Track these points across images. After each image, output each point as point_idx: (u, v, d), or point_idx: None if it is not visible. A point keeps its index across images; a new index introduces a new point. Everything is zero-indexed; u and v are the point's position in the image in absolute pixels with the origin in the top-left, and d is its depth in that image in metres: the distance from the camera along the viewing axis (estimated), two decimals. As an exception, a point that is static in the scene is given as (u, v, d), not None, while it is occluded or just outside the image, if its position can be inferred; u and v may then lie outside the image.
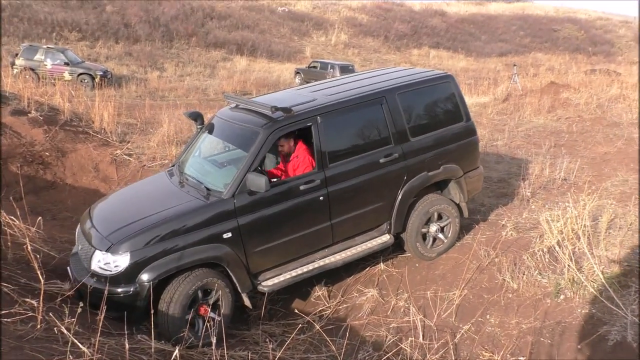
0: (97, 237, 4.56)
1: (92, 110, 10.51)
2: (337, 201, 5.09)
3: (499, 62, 41.86)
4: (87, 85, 19.30)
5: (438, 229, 5.88)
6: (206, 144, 5.74)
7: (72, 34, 28.87)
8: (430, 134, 5.67)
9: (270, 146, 4.87)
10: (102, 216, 4.97)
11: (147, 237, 4.36)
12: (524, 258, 5.25)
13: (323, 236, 5.18)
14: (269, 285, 4.88)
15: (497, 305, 4.85)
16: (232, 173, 4.80)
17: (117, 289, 4.26)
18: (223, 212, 4.58)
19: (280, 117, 4.87)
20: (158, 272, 4.28)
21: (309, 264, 5.13)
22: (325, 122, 5.02)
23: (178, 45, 32.44)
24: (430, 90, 5.83)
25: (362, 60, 37.88)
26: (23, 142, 8.18)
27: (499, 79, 23.30)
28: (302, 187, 4.91)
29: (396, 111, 5.40)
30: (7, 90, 10.48)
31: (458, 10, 57.81)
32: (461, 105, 5.94)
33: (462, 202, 6.00)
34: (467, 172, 6.02)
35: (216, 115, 5.71)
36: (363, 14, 49.18)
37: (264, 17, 42.00)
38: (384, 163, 5.33)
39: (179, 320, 4.32)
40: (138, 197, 5.44)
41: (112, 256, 4.31)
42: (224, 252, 4.54)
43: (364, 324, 5.20)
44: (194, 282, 4.42)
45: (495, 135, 11.26)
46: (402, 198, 5.49)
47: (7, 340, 3.10)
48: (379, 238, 5.53)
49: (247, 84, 23.74)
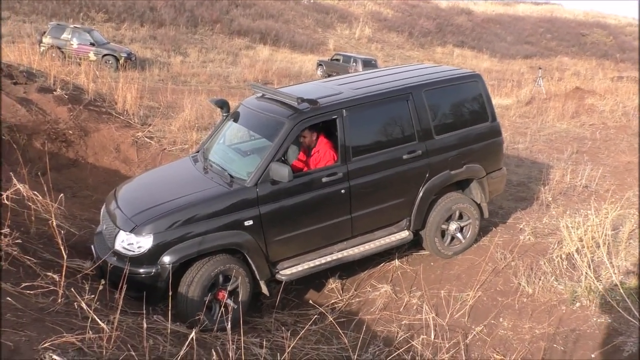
0: (122, 217, 4.63)
1: (115, 91, 10.62)
2: (358, 195, 5.11)
3: (523, 64, 41.37)
4: (111, 67, 19.49)
5: (457, 228, 5.85)
6: (231, 132, 5.77)
7: (99, 15, 29.14)
8: (455, 133, 5.64)
9: (294, 137, 4.88)
10: (128, 198, 5.04)
11: (170, 220, 4.42)
12: (541, 263, 5.21)
13: (342, 229, 5.20)
14: (287, 275, 4.91)
15: (511, 309, 4.82)
16: (255, 162, 4.83)
17: (139, 269, 4.34)
18: (245, 200, 4.62)
19: (306, 109, 4.88)
20: (180, 255, 4.35)
21: (327, 255, 5.15)
22: (351, 116, 5.02)
23: (202, 31, 32.56)
24: (457, 89, 5.79)
25: (385, 56, 37.68)
26: (48, 120, 8.29)
27: (522, 82, 23.06)
28: (324, 179, 4.93)
29: (422, 108, 5.37)
30: (35, 67, 10.62)
31: (485, 9, 57.19)
32: (487, 105, 5.89)
33: (483, 202, 5.96)
34: (490, 173, 5.98)
35: (242, 104, 5.73)
36: (388, 8, 48.87)
37: (289, 7, 41.94)
38: (407, 159, 5.32)
39: (197, 303, 4.37)
40: (163, 180, 5.52)
41: (136, 237, 4.38)
42: (245, 239, 4.59)
43: (376, 319, 5.20)
44: (214, 267, 4.47)
45: (517, 138, 11.15)
46: (423, 195, 5.49)
47: (29, 312, 3.17)
48: (397, 234, 5.53)
49: (268, 73, 23.76)
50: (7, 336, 2.72)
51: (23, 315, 3.10)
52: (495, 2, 62.38)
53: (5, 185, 5.14)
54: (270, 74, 23.64)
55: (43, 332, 2.91)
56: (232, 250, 4.65)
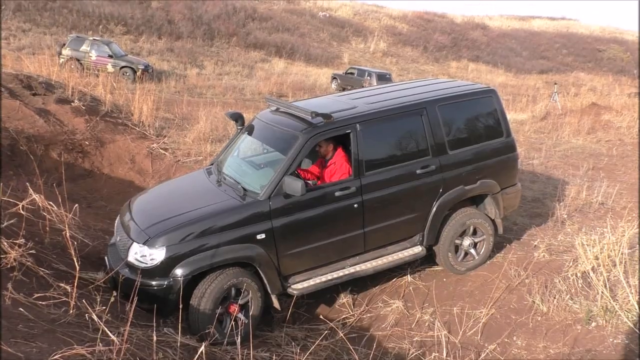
0: (135, 229, 4.66)
1: (132, 103, 10.75)
2: (371, 209, 5.09)
3: (539, 79, 41.20)
4: (128, 78, 19.76)
5: (471, 244, 5.81)
6: (245, 145, 5.81)
7: (118, 28, 29.64)
8: (469, 148, 5.61)
9: (308, 151, 4.89)
10: (141, 210, 5.07)
11: (183, 233, 4.43)
12: (556, 281, 5.13)
13: (355, 243, 5.17)
14: (299, 289, 4.90)
15: (525, 327, 4.75)
16: (269, 175, 4.84)
17: (151, 281, 4.36)
18: (258, 213, 4.62)
19: (319, 123, 4.89)
20: (192, 268, 4.36)
21: (340, 270, 5.13)
22: (364, 130, 5.01)
23: (218, 44, 32.94)
24: (471, 104, 5.76)
25: (399, 70, 37.75)
26: (65, 130, 8.40)
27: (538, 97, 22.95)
28: (337, 193, 4.92)
29: (436, 123, 5.36)
30: (54, 78, 10.80)
31: (500, 24, 57.14)
32: (502, 120, 5.86)
33: (497, 218, 5.91)
34: (505, 189, 5.93)
35: (257, 117, 5.76)
36: (404, 23, 49.05)
37: (305, 20, 42.28)
38: (421, 174, 5.30)
39: (208, 316, 4.37)
40: (177, 193, 5.55)
41: (149, 249, 4.39)
42: (257, 253, 4.59)
43: (387, 335, 5.15)
44: (226, 280, 4.48)
45: (532, 153, 11.06)
46: (436, 210, 5.45)
47: (41, 323, 3.19)
48: (410, 249, 5.49)
49: (283, 86, 23.92)
50: (19, 347, 2.73)
51: (34, 326, 3.12)
52: (510, 17, 62.30)
53: (21, 195, 5.20)
54: (285, 86, 23.80)
55: (54, 344, 2.92)
56: (244, 264, 4.64)
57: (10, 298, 3.32)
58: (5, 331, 2.88)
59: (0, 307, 2.96)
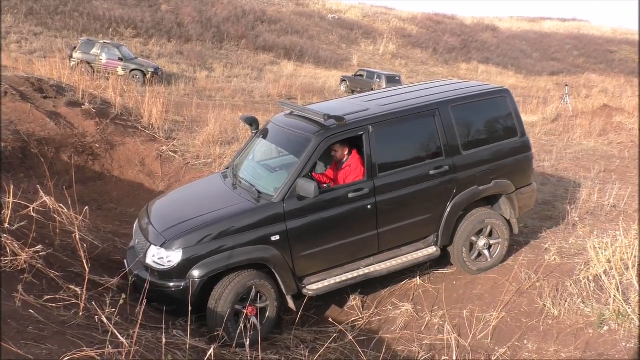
0: (153, 232, 4.76)
1: (141, 105, 10.81)
2: (384, 211, 5.10)
3: (549, 81, 40.96)
4: (138, 81, 19.87)
5: (486, 245, 5.78)
6: (260, 149, 5.89)
7: (128, 31, 29.84)
8: (483, 148, 5.60)
9: (321, 153, 4.92)
10: (159, 213, 5.18)
11: (199, 235, 4.52)
12: (567, 284, 5.08)
13: (369, 244, 5.19)
14: (314, 290, 4.93)
15: (536, 331, 4.70)
16: (283, 178, 4.89)
17: (169, 283, 4.46)
18: (273, 215, 4.68)
19: (332, 125, 4.92)
20: (208, 269, 4.44)
21: (354, 271, 5.16)
22: (377, 132, 5.04)
23: (228, 47, 33.06)
24: (485, 104, 5.74)
25: (409, 72, 37.69)
26: (75, 133, 8.47)
27: (549, 99, 22.79)
28: (351, 195, 4.95)
29: (449, 124, 5.36)
30: (64, 81, 10.88)
31: (510, 26, 56.90)
32: (516, 120, 5.83)
33: (512, 218, 5.89)
34: (520, 189, 5.91)
35: (271, 121, 5.82)
36: (413, 25, 48.98)
37: (314, 23, 42.35)
38: (434, 175, 5.30)
39: (225, 317, 4.42)
40: (193, 196, 5.64)
41: (166, 252, 4.48)
42: (272, 254, 4.64)
43: (397, 338, 5.13)
44: (242, 281, 4.55)
45: (543, 155, 10.98)
46: (450, 211, 5.45)
47: (51, 325, 3.20)
48: (425, 250, 5.49)
49: (292, 88, 23.96)
50: (29, 349, 2.74)
51: (45, 328, 3.13)
52: (520, 19, 62.01)
53: (32, 197, 5.24)
54: (294, 89, 23.83)
55: (63, 346, 2.94)
56: (259, 266, 4.70)
57: (20, 300, 3.35)
58: (16, 333, 2.90)
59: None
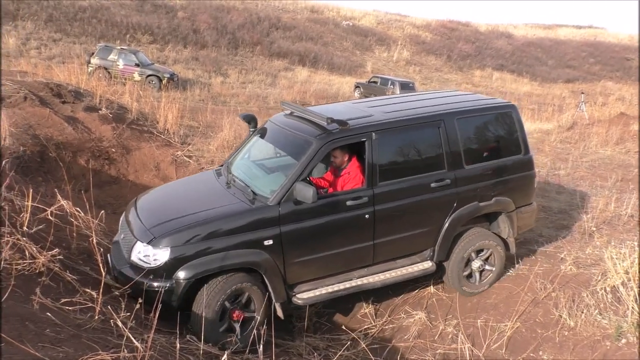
0: (140, 228, 4.56)
1: (157, 111, 10.90)
2: (382, 221, 4.95)
3: (565, 88, 40.63)
4: (154, 87, 20.08)
5: (480, 267, 5.64)
6: (256, 148, 5.72)
7: (144, 37, 30.19)
8: (486, 164, 5.46)
9: (322, 157, 4.79)
10: (148, 208, 4.98)
11: (189, 235, 4.34)
12: (584, 295, 5.02)
13: (364, 255, 5.04)
14: (304, 299, 4.76)
15: (551, 342, 4.65)
16: (279, 180, 4.75)
17: (153, 282, 4.24)
18: (267, 218, 4.51)
19: (335, 129, 4.76)
20: (196, 271, 4.26)
21: (347, 281, 4.99)
22: (380, 139, 4.89)
23: (242, 53, 33.30)
24: (490, 118, 5.62)
25: (422, 79, 37.63)
26: (92, 138, 8.55)
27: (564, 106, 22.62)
28: (349, 202, 4.79)
29: (453, 136, 5.21)
30: (82, 87, 11.02)
31: (525, 33, 56.61)
32: (521, 137, 5.68)
33: (510, 237, 5.72)
34: (520, 207, 5.74)
35: (270, 120, 5.66)
36: (427, 32, 48.94)
37: (328, 29, 42.50)
38: (435, 188, 5.14)
39: (211, 321, 4.29)
40: (184, 193, 5.46)
41: (153, 249, 4.29)
42: (263, 259, 4.48)
43: (410, 346, 5.10)
44: (230, 285, 4.39)
45: (558, 164, 10.88)
46: (449, 225, 5.29)
47: (67, 328, 3.24)
48: (420, 264, 5.33)
49: (306, 94, 24.03)
50: (46, 351, 2.77)
51: (61, 331, 3.16)
52: (535, 26, 61.68)
53: (49, 201, 5.31)
54: (308, 95, 23.91)
55: (80, 349, 2.96)
56: (250, 270, 4.53)
57: (38, 302, 3.39)
58: (34, 335, 2.94)
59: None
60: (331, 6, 48.86)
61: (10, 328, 2.91)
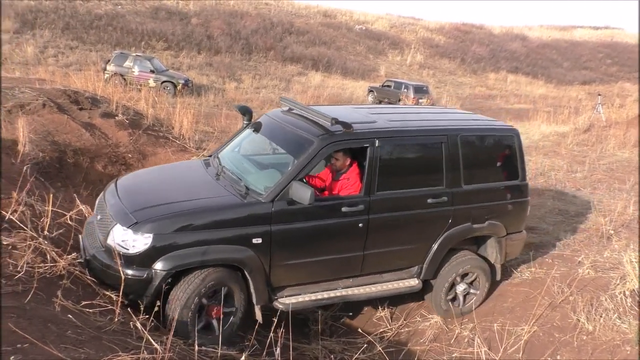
0: (121, 211, 4.29)
1: (172, 116, 11.01)
2: (375, 231, 4.80)
3: (581, 90, 40.24)
4: (169, 93, 20.27)
5: (465, 291, 5.56)
6: (249, 142, 5.58)
7: (159, 44, 30.52)
8: (483, 185, 5.36)
9: (321, 158, 4.66)
10: (131, 191, 4.73)
11: (174, 223, 4.11)
12: (602, 299, 4.97)
13: (352, 265, 4.90)
14: (285, 304, 4.55)
15: (569, 347, 4.61)
16: (274, 176, 4.59)
17: (127, 269, 3.96)
18: (258, 215, 4.31)
19: (338, 131, 4.60)
20: (177, 262, 4.03)
21: (331, 290, 4.83)
22: (383, 147, 4.74)
23: (256, 58, 33.49)
24: (493, 140, 5.54)
25: (436, 82, 37.51)
26: (109, 144, 8.67)
27: (580, 108, 22.36)
28: (344, 209, 4.63)
29: (455, 153, 5.07)
30: (99, 93, 11.18)
31: (540, 35, 56.17)
32: (520, 162, 5.57)
33: (497, 263, 5.61)
34: (510, 234, 5.61)
35: (266, 115, 5.51)
36: (440, 35, 48.80)
37: (341, 34, 42.57)
38: (431, 204, 5.01)
39: (186, 316, 4.09)
40: (170, 179, 5.25)
41: (134, 234, 4.03)
42: (250, 257, 4.28)
43: (426, 350, 5.09)
44: (209, 281, 4.17)
45: (575, 166, 10.79)
46: (440, 244, 5.16)
47: (88, 330, 3.29)
48: (406, 280, 5.19)
49: (320, 99, 24.07)
50: (68, 352, 2.83)
51: (82, 333, 3.22)
52: (551, 27, 61.18)
53: (68, 206, 5.39)
54: (321, 99, 23.95)
55: (100, 350, 3.01)
56: (232, 267, 4.34)
57: (59, 305, 3.45)
58: (56, 337, 2.99)
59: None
60: (344, 10, 48.92)
61: (34, 329, 2.97)
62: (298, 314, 4.80)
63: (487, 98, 35.40)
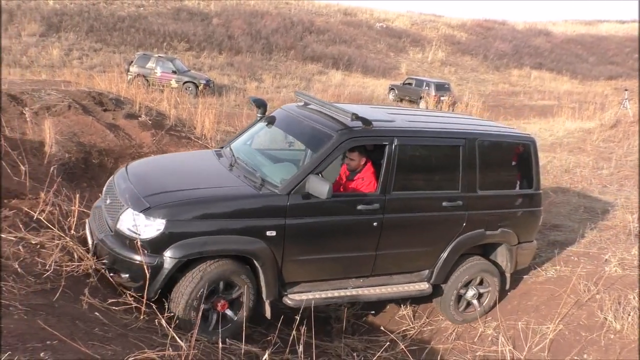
0: (133, 195, 4.17)
1: (194, 116, 11.12)
2: (388, 232, 4.73)
3: (607, 85, 39.48)
4: (191, 93, 20.45)
5: (475, 295, 5.50)
6: (263, 135, 5.56)
7: (181, 44, 30.86)
8: (498, 192, 5.34)
9: (340, 153, 4.58)
10: (143, 175, 4.66)
11: (188, 210, 4.01)
12: (630, 298, 4.88)
13: (364, 264, 4.85)
14: (296, 300, 4.47)
15: (596, 345, 4.53)
16: (290, 169, 4.60)
17: (136, 255, 3.84)
18: (274, 207, 4.23)
19: (357, 127, 4.53)
20: (188, 251, 3.92)
21: (342, 289, 4.76)
22: (401, 146, 4.68)
23: (277, 58, 33.61)
24: (509, 148, 5.50)
25: (458, 79, 37.17)
26: (133, 144, 8.79)
27: (606, 104, 21.96)
28: (360, 206, 4.57)
29: (472, 158, 5.02)
30: (122, 95, 11.35)
31: (564, 30, 55.24)
32: (535, 172, 5.51)
33: (507, 272, 5.56)
34: (521, 243, 5.55)
35: (282, 108, 5.49)
36: (462, 31, 48.32)
37: (362, 32, 42.45)
38: (446, 207, 4.96)
39: (193, 309, 3.96)
40: (182, 167, 5.19)
41: (146, 219, 3.91)
42: (263, 249, 4.18)
43: (449, 348, 5.06)
44: (218, 272, 4.06)
45: (601, 163, 10.60)
46: (452, 248, 5.10)
47: (115, 327, 3.36)
48: (417, 284, 5.11)
49: (341, 97, 24.00)
50: (96, 349, 2.89)
51: (109, 330, 3.28)
52: (575, 22, 60.14)
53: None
54: (342, 98, 23.88)
55: (127, 347, 3.07)
56: (243, 259, 4.24)
57: (87, 303, 3.52)
58: (84, 334, 3.06)
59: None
60: (364, 8, 48.82)
61: (62, 326, 3.04)
62: (320, 312, 4.80)
63: (510, 95, 34.96)
